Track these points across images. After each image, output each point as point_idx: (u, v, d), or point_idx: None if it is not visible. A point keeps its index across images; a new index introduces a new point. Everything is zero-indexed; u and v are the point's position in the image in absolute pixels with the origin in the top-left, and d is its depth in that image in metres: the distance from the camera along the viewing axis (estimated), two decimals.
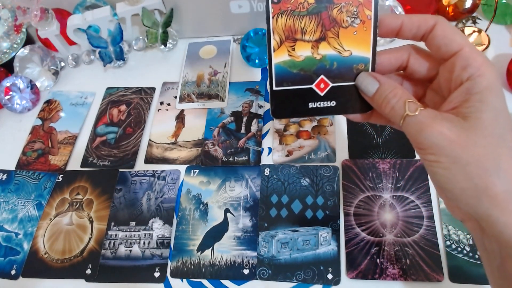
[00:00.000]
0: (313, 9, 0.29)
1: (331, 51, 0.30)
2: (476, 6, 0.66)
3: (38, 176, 0.61)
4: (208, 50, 0.71)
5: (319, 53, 0.30)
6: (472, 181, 0.26)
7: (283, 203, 0.53)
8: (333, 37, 0.30)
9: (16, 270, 0.53)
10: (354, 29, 0.29)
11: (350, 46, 0.30)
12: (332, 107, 0.31)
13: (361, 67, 0.30)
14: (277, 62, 0.31)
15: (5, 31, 0.72)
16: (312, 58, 0.30)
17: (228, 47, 0.70)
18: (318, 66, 0.31)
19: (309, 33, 0.30)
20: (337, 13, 0.29)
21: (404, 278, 0.46)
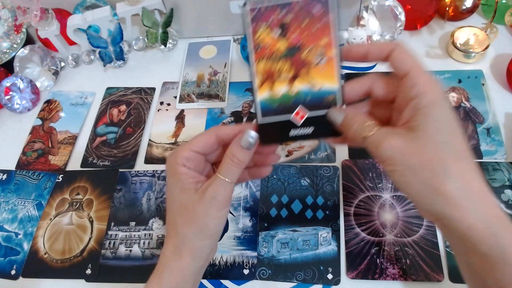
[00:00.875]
0: (286, 53, 0.35)
1: (304, 86, 0.35)
2: (476, 6, 0.66)
3: (38, 176, 0.61)
4: (208, 50, 0.71)
5: (294, 88, 0.35)
6: (424, 184, 0.30)
7: (283, 203, 0.53)
8: (304, 74, 0.35)
9: (16, 270, 0.53)
10: (322, 67, 0.35)
11: (320, 81, 0.35)
12: (310, 134, 0.36)
13: (331, 98, 0.35)
14: (261, 99, 0.36)
15: (5, 31, 0.72)
16: (288, 94, 0.36)
17: (228, 47, 0.70)
18: (294, 100, 0.36)
19: (285, 72, 0.35)
20: (306, 54, 0.35)
21: (404, 278, 0.46)
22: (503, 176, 0.51)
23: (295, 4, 0.34)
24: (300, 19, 0.34)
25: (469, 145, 0.31)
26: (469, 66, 0.62)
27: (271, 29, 0.34)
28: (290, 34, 0.34)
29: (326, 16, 0.34)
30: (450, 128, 0.31)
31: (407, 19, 0.64)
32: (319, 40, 0.34)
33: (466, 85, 0.60)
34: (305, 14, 0.34)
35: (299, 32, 0.34)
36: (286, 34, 0.35)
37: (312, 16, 0.34)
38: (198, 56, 0.70)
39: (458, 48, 0.62)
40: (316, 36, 0.34)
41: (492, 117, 0.56)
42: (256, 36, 0.35)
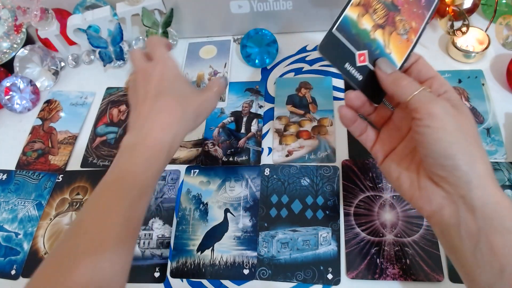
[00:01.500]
0: (388, 5, 0.36)
1: (381, 40, 0.36)
2: (476, 6, 0.66)
3: (38, 176, 0.61)
4: (208, 50, 0.71)
5: (375, 35, 0.36)
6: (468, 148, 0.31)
7: (283, 203, 0.53)
8: (388, 32, 0.37)
9: (16, 270, 0.53)
10: (401, 40, 0.37)
11: (392, 48, 0.37)
12: (358, 80, 0.37)
13: None
14: (347, 15, 0.36)
15: (5, 31, 0.72)
16: (368, 34, 0.36)
17: (228, 47, 0.70)
18: (368, 42, 0.36)
19: (377, 16, 0.36)
20: (398, 20, 0.37)
21: (404, 278, 0.46)
22: (503, 176, 0.51)
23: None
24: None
25: None
26: (469, 66, 0.62)
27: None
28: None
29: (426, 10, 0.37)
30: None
31: None
32: (412, 20, 0.37)
33: (466, 85, 0.60)
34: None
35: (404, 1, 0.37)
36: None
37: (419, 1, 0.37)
38: (198, 56, 0.70)
39: (458, 48, 0.62)
40: (412, 16, 0.37)
41: (492, 117, 0.56)
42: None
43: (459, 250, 0.32)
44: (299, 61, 0.67)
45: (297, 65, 0.67)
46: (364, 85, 0.37)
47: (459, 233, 0.32)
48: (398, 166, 0.37)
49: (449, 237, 0.33)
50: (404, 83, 0.34)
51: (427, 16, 0.37)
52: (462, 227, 0.32)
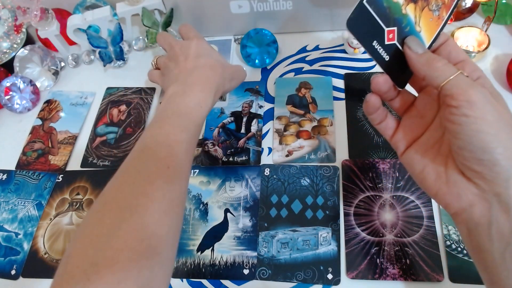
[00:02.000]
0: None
1: (412, 15, 0.33)
2: (476, 6, 0.66)
3: (38, 176, 0.61)
4: None
5: (407, 9, 0.33)
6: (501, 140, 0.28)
7: (283, 203, 0.53)
8: (419, 7, 0.33)
9: (16, 270, 0.53)
10: (432, 16, 0.34)
11: (423, 25, 0.34)
12: (384, 60, 0.34)
13: None
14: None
15: (5, 31, 0.72)
16: (400, 8, 0.33)
17: (229, 46, 0.70)
18: (398, 18, 0.33)
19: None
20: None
21: (404, 278, 0.46)
22: None
23: None
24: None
25: None
26: None
27: None
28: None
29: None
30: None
31: None
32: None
33: None
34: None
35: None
36: None
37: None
38: None
39: None
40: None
41: None
42: None
43: (486, 251, 0.30)
44: (299, 61, 0.67)
45: (297, 65, 0.67)
46: (390, 67, 0.34)
47: (489, 233, 0.30)
48: (423, 158, 0.34)
49: (477, 236, 0.30)
50: (439, 65, 0.31)
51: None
52: (493, 226, 0.29)
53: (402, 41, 0.33)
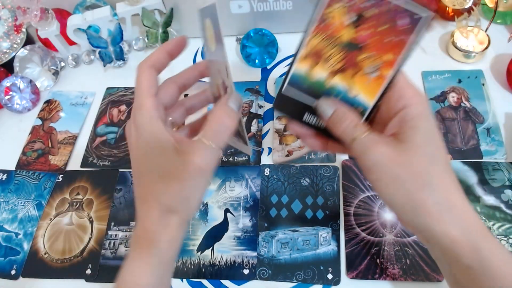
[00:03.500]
0: (346, 45, 0.32)
1: (342, 85, 0.33)
2: (476, 6, 0.66)
3: (38, 176, 0.61)
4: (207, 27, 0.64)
5: (332, 82, 0.33)
6: (409, 196, 0.30)
7: (283, 203, 0.53)
8: (349, 75, 0.32)
9: (16, 270, 0.53)
10: (369, 79, 0.32)
11: (359, 90, 0.32)
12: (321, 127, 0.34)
13: (359, 110, 0.33)
14: (295, 71, 0.33)
15: (5, 31, 0.72)
16: (323, 83, 0.33)
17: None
18: (325, 91, 0.33)
19: (333, 61, 0.32)
20: (363, 58, 0.32)
21: (404, 278, 0.46)
22: (503, 176, 0.51)
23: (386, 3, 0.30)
24: (381, 21, 0.31)
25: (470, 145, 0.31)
26: (469, 66, 0.62)
27: (347, 12, 0.31)
28: (361, 29, 0.31)
29: (407, 35, 0.30)
30: (436, 141, 0.31)
31: None
32: (385, 53, 0.31)
33: (466, 85, 0.60)
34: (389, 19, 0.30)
35: (371, 33, 0.31)
36: (358, 27, 0.31)
37: (394, 26, 0.30)
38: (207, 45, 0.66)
39: (458, 48, 0.62)
40: (384, 48, 0.31)
41: (492, 117, 0.56)
42: (328, 10, 0.31)
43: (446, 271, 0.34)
44: None
45: None
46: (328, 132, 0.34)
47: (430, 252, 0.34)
48: None
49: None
50: (342, 127, 0.32)
51: (410, 41, 0.30)
52: (429, 250, 0.33)
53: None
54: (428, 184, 0.30)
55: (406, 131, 0.30)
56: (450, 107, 0.58)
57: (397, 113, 0.31)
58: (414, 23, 0.30)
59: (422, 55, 0.65)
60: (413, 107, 0.31)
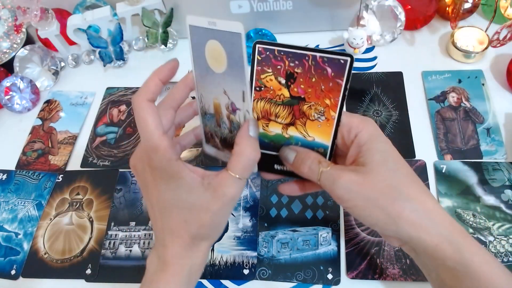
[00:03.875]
0: (287, 102, 0.35)
1: (297, 134, 0.36)
2: (476, 6, 0.66)
3: (38, 176, 0.61)
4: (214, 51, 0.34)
5: (288, 133, 0.36)
6: (385, 211, 0.31)
7: (283, 203, 0.53)
8: (300, 125, 0.36)
9: (16, 270, 0.53)
10: (319, 123, 0.35)
11: (314, 134, 0.36)
12: (292, 172, 0.37)
13: (321, 150, 0.36)
14: None
15: (5, 31, 0.72)
16: (282, 135, 0.36)
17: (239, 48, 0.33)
18: (285, 142, 0.36)
19: (282, 117, 0.36)
20: (307, 108, 0.35)
21: (404, 278, 0.46)
22: (503, 176, 0.51)
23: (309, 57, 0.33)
24: (312, 74, 0.33)
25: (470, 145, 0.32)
26: (469, 66, 0.62)
27: (278, 75, 0.34)
28: (296, 85, 0.34)
29: (339, 78, 0.33)
30: (394, 157, 0.33)
31: (407, 19, 0.64)
32: (324, 99, 0.34)
33: (466, 85, 0.60)
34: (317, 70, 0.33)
35: (305, 86, 0.34)
36: (292, 85, 0.34)
37: (325, 74, 0.33)
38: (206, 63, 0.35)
39: (458, 48, 0.62)
40: (323, 95, 0.34)
41: (492, 117, 0.56)
42: (261, 77, 0.35)
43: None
44: None
45: None
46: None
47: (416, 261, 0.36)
48: None
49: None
50: (306, 167, 0.34)
51: (344, 81, 0.33)
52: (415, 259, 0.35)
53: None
54: (399, 196, 0.32)
55: (363, 154, 0.33)
56: (450, 107, 0.58)
57: (352, 143, 0.34)
58: (342, 67, 0.33)
59: (422, 55, 0.65)
60: (363, 132, 0.33)
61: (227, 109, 0.36)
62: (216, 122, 0.37)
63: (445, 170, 0.53)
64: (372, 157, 0.32)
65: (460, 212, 0.49)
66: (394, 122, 0.58)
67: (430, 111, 0.59)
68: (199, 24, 0.33)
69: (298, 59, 0.33)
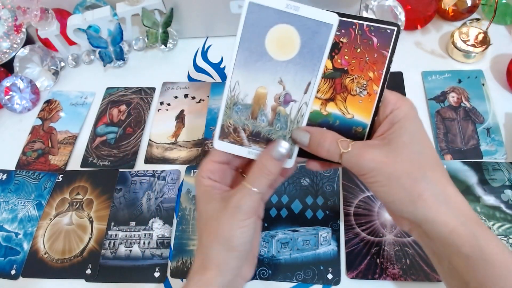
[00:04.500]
0: (330, 74, 0.33)
1: (336, 110, 0.34)
2: (476, 6, 0.66)
3: (38, 176, 0.61)
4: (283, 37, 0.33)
5: (326, 110, 0.35)
6: (406, 191, 0.31)
7: (283, 203, 0.53)
8: (340, 100, 0.34)
9: (16, 270, 0.53)
10: (360, 98, 0.34)
11: (354, 111, 0.34)
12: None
13: (359, 129, 0.35)
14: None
15: (5, 31, 0.72)
16: (320, 112, 0.35)
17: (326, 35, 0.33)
18: (323, 120, 0.35)
19: (322, 92, 0.34)
20: (349, 82, 0.33)
21: (404, 278, 0.46)
22: (503, 176, 0.51)
23: (356, 26, 0.32)
24: (357, 44, 0.32)
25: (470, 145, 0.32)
26: (469, 66, 0.62)
27: None
28: (340, 56, 0.33)
29: (385, 50, 0.32)
30: (423, 139, 0.33)
31: (407, 19, 0.64)
32: (368, 71, 0.33)
33: (466, 85, 0.60)
34: (363, 40, 0.32)
35: (350, 57, 0.33)
36: (336, 56, 0.33)
37: (370, 45, 0.32)
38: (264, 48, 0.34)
39: (458, 48, 0.62)
40: (366, 67, 0.33)
41: (492, 117, 0.56)
42: None
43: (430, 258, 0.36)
44: None
45: None
46: None
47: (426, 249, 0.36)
48: None
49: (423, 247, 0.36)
50: (325, 150, 0.33)
51: (389, 53, 0.32)
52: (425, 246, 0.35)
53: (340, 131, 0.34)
54: (422, 178, 0.31)
55: (394, 131, 0.33)
56: (450, 107, 0.58)
57: (386, 118, 0.34)
58: (388, 37, 0.32)
59: (422, 55, 0.65)
60: (399, 110, 0.33)
61: (276, 100, 0.34)
62: (251, 114, 0.35)
63: None
64: (401, 136, 0.32)
65: None
66: None
67: (430, 111, 0.59)
68: (269, 4, 0.31)
69: (345, 28, 0.32)
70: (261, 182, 0.34)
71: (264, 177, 0.34)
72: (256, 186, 0.34)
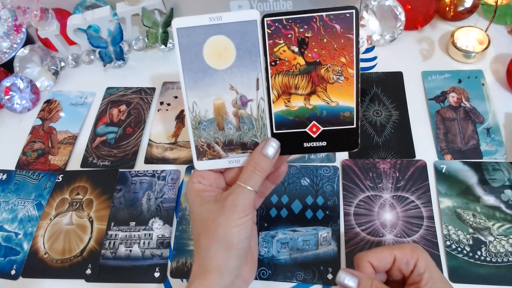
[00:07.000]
0: (304, 69, 0.35)
1: (320, 102, 0.36)
2: (476, 6, 0.66)
3: (38, 176, 0.61)
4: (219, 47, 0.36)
5: (311, 103, 0.36)
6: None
7: (283, 203, 0.53)
8: (321, 91, 0.35)
9: (16, 270, 0.53)
10: (339, 84, 0.35)
11: (337, 98, 0.36)
12: (324, 146, 0.37)
13: (347, 114, 0.36)
14: (276, 111, 0.36)
15: (5, 31, 0.72)
16: (305, 107, 0.36)
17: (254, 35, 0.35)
18: (310, 114, 0.36)
19: (302, 88, 0.36)
20: (324, 72, 0.35)
21: None
22: (503, 176, 0.51)
23: (317, 18, 0.33)
24: (321, 35, 0.34)
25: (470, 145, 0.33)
26: (469, 66, 0.62)
27: (290, 44, 0.35)
28: (310, 50, 0.34)
29: (349, 33, 0.34)
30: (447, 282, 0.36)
31: (407, 19, 0.64)
32: (339, 57, 0.34)
33: (466, 85, 0.60)
34: (326, 30, 0.34)
35: (319, 49, 0.34)
36: (305, 51, 0.34)
37: (334, 32, 0.34)
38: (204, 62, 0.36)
39: (458, 48, 0.62)
40: (337, 53, 0.34)
41: (492, 117, 0.56)
42: (275, 50, 0.35)
43: None
44: None
45: None
46: (332, 146, 0.38)
47: None
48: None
49: None
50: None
51: (354, 35, 0.34)
52: None
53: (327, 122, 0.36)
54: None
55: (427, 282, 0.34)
56: (450, 107, 0.58)
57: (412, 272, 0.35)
58: (349, 21, 0.33)
59: (422, 55, 0.65)
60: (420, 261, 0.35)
61: (234, 105, 0.36)
62: (218, 126, 0.37)
63: (445, 170, 0.53)
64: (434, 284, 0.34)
65: (460, 212, 0.49)
66: (394, 122, 0.58)
67: (430, 111, 0.59)
68: (195, 23, 0.34)
69: (306, 23, 0.33)
70: (255, 180, 0.35)
71: (257, 175, 0.35)
72: (250, 184, 0.35)
